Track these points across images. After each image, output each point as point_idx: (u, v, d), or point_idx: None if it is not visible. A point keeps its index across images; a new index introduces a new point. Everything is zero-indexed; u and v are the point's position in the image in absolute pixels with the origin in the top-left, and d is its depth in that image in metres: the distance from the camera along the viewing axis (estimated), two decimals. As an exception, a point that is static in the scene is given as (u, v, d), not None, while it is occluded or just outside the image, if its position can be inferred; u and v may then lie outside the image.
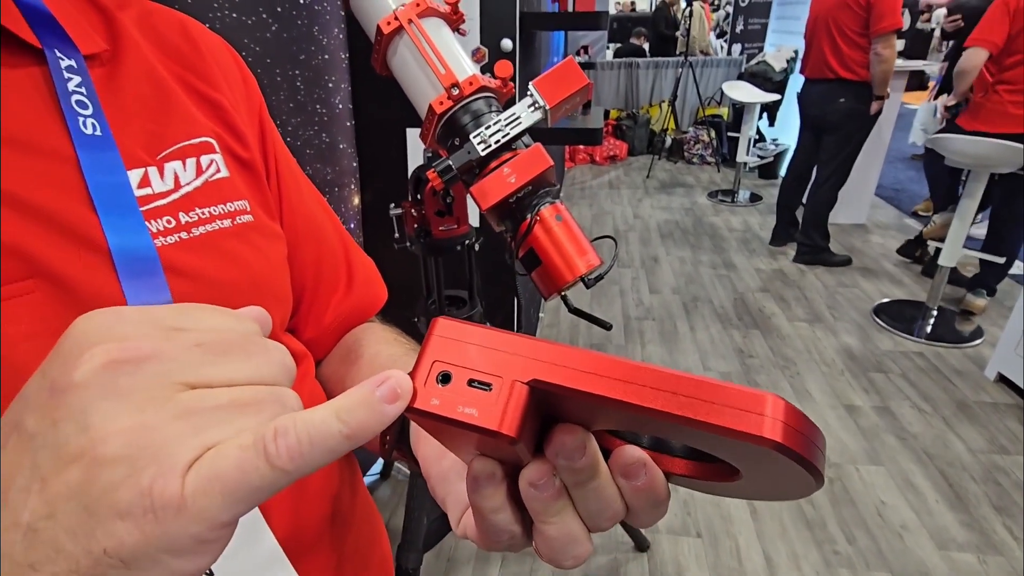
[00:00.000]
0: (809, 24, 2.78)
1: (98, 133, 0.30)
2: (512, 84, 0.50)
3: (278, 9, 1.04)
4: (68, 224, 0.28)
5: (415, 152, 1.45)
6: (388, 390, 0.19)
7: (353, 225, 1.49)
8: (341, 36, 1.31)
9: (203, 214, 0.33)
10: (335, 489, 0.43)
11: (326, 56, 1.24)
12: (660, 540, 1.51)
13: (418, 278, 1.04)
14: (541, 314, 2.57)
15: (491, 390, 0.19)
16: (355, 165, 1.47)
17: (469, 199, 0.47)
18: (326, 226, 0.47)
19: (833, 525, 1.54)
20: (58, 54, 0.30)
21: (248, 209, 0.36)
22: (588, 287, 0.47)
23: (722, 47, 6.23)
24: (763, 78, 4.37)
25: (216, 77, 0.38)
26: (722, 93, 4.50)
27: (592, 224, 3.80)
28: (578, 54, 4.78)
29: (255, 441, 0.17)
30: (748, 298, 2.74)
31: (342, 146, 1.38)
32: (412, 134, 1.44)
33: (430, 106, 0.47)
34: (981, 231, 2.71)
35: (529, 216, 0.46)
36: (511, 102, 0.48)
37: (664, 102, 5.40)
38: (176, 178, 0.33)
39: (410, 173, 0.91)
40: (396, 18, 0.48)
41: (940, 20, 3.62)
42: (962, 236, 2.30)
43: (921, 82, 5.71)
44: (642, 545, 1.48)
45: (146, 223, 0.30)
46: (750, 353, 2.30)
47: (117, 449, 0.16)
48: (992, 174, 2.23)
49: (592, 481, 0.22)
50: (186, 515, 0.16)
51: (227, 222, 0.35)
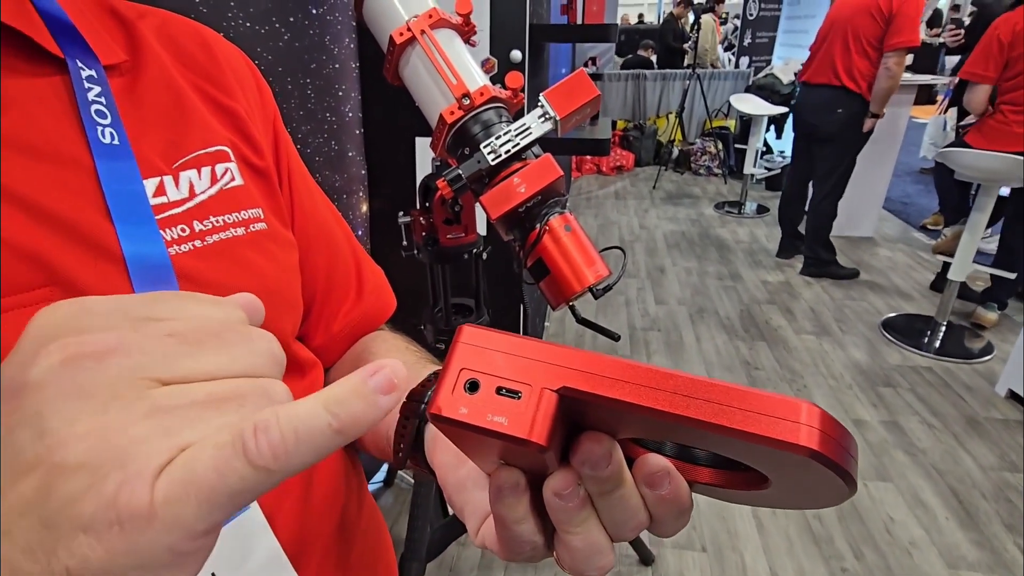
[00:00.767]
0: (823, 28, 2.75)
1: (116, 142, 0.30)
2: (522, 95, 0.51)
3: (291, 19, 1.06)
4: (84, 232, 0.28)
5: (423, 160, 1.46)
6: (383, 379, 0.17)
7: (361, 232, 1.50)
8: (352, 46, 1.32)
9: (217, 222, 0.34)
10: (342, 499, 0.42)
11: (337, 65, 1.25)
12: (665, 554, 1.49)
13: (425, 286, 1.04)
14: (547, 323, 2.57)
15: (520, 398, 0.19)
16: (364, 173, 1.48)
17: (477, 208, 0.48)
18: (337, 234, 0.47)
19: (841, 541, 1.52)
20: (79, 64, 0.31)
21: (262, 217, 0.37)
22: (596, 298, 0.47)
23: (730, 60, 6.25)
24: (770, 91, 4.38)
25: (232, 86, 0.39)
26: (729, 105, 4.51)
27: (598, 234, 3.80)
28: (586, 65, 4.81)
29: (233, 439, 0.15)
30: (754, 310, 2.73)
31: (351, 154, 1.39)
32: (420, 143, 1.45)
33: (441, 116, 0.47)
34: (991, 245, 2.69)
35: (538, 226, 0.46)
36: (520, 113, 0.48)
37: (671, 113, 5.42)
38: (191, 186, 0.33)
39: (418, 181, 0.92)
40: (409, 29, 0.48)
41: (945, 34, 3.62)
42: (972, 250, 2.28)
43: (930, 96, 5.71)
44: (647, 559, 1.46)
45: (161, 232, 0.31)
46: (756, 365, 2.29)
47: (78, 455, 0.14)
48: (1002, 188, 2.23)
49: (617, 490, 0.22)
50: (157, 525, 0.14)
51: (241, 230, 0.35)
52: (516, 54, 1.36)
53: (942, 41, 3.65)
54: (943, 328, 2.45)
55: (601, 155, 4.84)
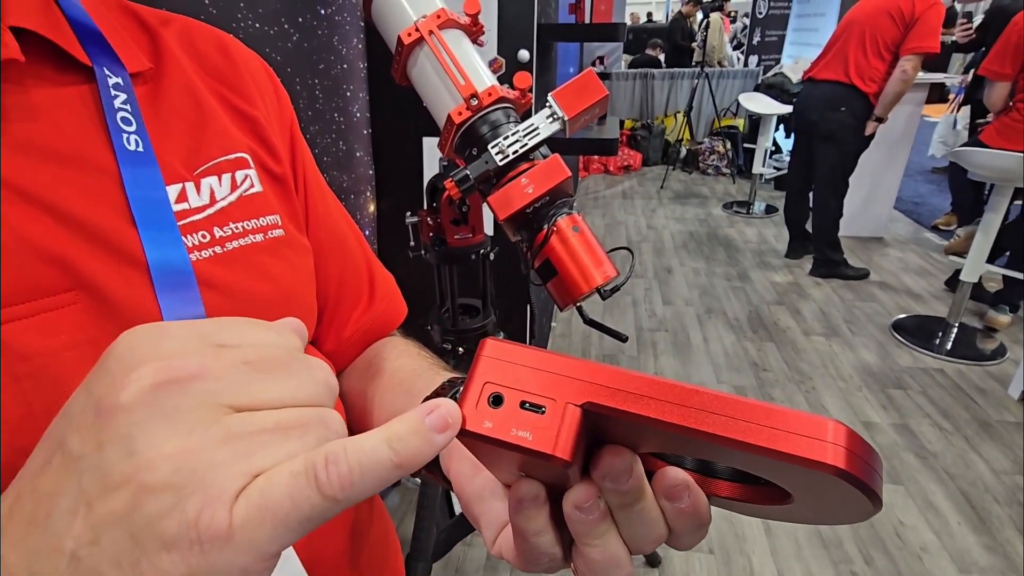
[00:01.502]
0: (839, 28, 2.71)
1: (140, 149, 0.31)
2: (530, 95, 0.50)
3: (299, 20, 1.06)
4: (109, 238, 0.29)
5: (431, 161, 1.47)
6: (438, 419, 0.18)
7: (369, 232, 1.50)
8: (360, 46, 1.33)
9: (237, 228, 0.34)
10: (354, 508, 0.43)
11: (345, 66, 1.25)
12: (672, 556, 1.48)
13: (432, 286, 1.04)
14: (554, 323, 2.56)
15: (544, 413, 0.19)
16: (371, 173, 1.48)
17: (484, 208, 0.48)
18: (350, 240, 0.48)
19: (850, 545, 1.51)
20: (106, 72, 0.31)
21: (280, 224, 0.37)
22: (604, 299, 0.47)
23: (738, 59, 6.22)
24: (780, 90, 4.35)
25: (252, 92, 0.39)
26: (738, 104, 4.48)
27: (605, 234, 3.79)
28: (593, 64, 4.80)
29: (306, 468, 0.16)
30: (763, 311, 2.71)
31: (359, 154, 1.39)
32: (428, 143, 1.45)
33: (449, 116, 0.47)
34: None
35: (546, 226, 0.46)
36: (528, 113, 0.48)
37: (679, 113, 5.39)
38: (212, 193, 0.34)
39: (426, 182, 0.92)
40: (417, 29, 0.48)
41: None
42: (985, 250, 2.25)
43: (941, 95, 5.64)
44: (653, 561, 1.46)
45: (182, 237, 0.31)
46: (764, 367, 2.27)
47: (164, 476, 0.16)
48: (1017, 188, 2.19)
49: (637, 504, 0.22)
50: (234, 547, 0.15)
51: (259, 236, 0.35)
52: (524, 54, 1.35)
53: (953, 39, 3.61)
54: (955, 329, 2.42)
55: (609, 155, 4.83)
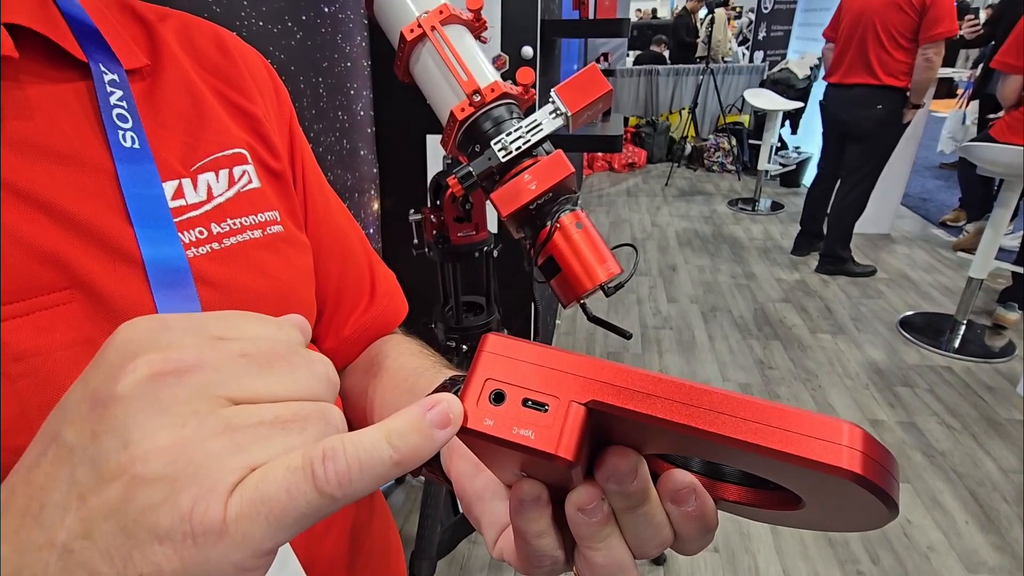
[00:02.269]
0: (847, 25, 2.66)
1: (136, 146, 0.30)
2: (533, 91, 0.50)
3: (303, 17, 1.06)
4: (105, 236, 0.28)
5: (435, 158, 1.46)
6: (439, 415, 0.18)
7: (373, 230, 1.50)
8: (363, 44, 1.33)
9: (234, 224, 0.34)
10: (354, 505, 0.42)
11: (348, 63, 1.25)
12: (676, 554, 1.47)
13: (436, 284, 1.04)
14: (558, 321, 2.56)
15: (547, 411, 0.18)
16: (375, 171, 1.48)
17: (488, 205, 0.47)
18: (351, 237, 0.47)
19: (856, 544, 1.50)
20: (102, 68, 0.31)
21: (278, 220, 0.37)
22: (608, 296, 0.47)
23: (744, 54, 6.18)
24: (786, 85, 4.32)
25: (250, 88, 0.39)
26: (743, 100, 4.46)
27: (610, 232, 3.78)
28: (598, 61, 4.78)
29: (303, 464, 0.16)
30: (768, 308, 2.69)
31: (363, 152, 1.39)
32: (432, 140, 1.45)
33: (451, 112, 0.47)
34: (1015, 242, 2.63)
35: (549, 223, 0.45)
36: (532, 109, 0.47)
37: (684, 109, 5.37)
38: (209, 189, 0.33)
39: (430, 179, 0.92)
40: (419, 25, 0.48)
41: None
42: (994, 247, 2.23)
43: (950, 90, 5.59)
44: (658, 559, 1.45)
45: (179, 234, 0.31)
46: (770, 365, 2.26)
47: (158, 468, 0.15)
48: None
49: (642, 506, 0.21)
50: (228, 541, 0.15)
51: (257, 232, 0.35)
52: (527, 50, 1.35)
53: (960, 34, 3.57)
54: (963, 327, 2.40)
55: (613, 152, 4.82)
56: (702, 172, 5.19)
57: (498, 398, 0.19)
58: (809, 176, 4.55)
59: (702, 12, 6.39)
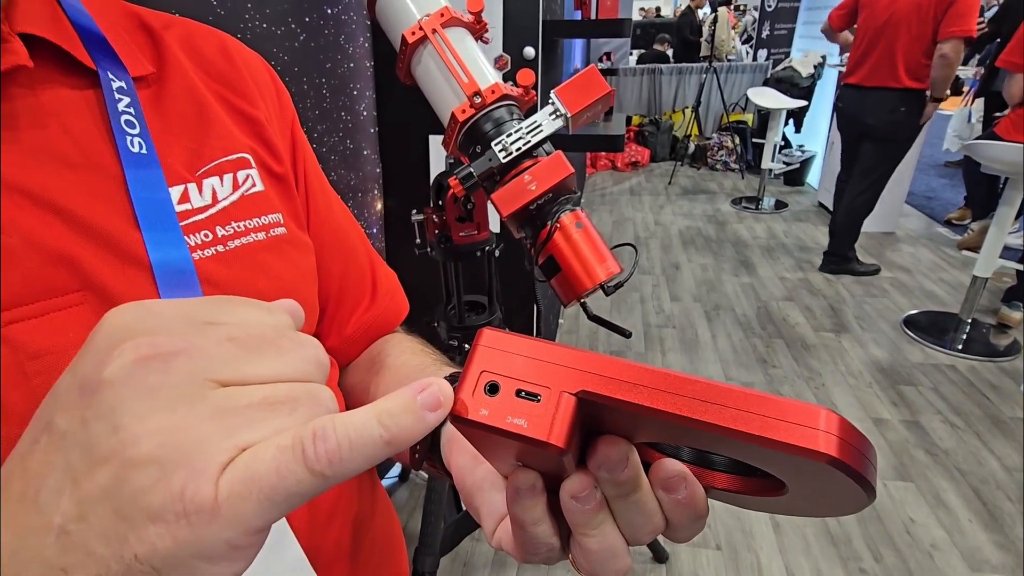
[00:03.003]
0: (870, 28, 2.64)
1: (144, 151, 0.31)
2: (534, 92, 0.51)
3: (306, 19, 1.07)
4: (114, 239, 0.29)
5: (437, 159, 1.47)
6: (430, 397, 0.18)
7: (376, 230, 1.51)
8: (366, 45, 1.33)
9: (239, 227, 0.35)
10: (356, 496, 0.43)
11: (351, 64, 1.26)
12: (679, 552, 1.48)
13: (438, 283, 1.05)
14: (560, 320, 2.57)
15: (539, 401, 0.19)
16: (378, 171, 1.49)
17: (490, 206, 0.48)
18: (352, 237, 0.48)
19: (859, 542, 1.50)
20: (110, 76, 0.32)
21: (281, 222, 0.38)
22: (607, 294, 0.47)
23: (747, 52, 6.16)
24: (789, 84, 4.31)
25: (252, 93, 0.40)
26: (747, 99, 4.44)
27: (613, 231, 3.78)
28: (600, 60, 4.77)
29: (293, 443, 0.16)
30: (772, 307, 2.69)
31: (366, 152, 1.40)
32: (434, 141, 1.46)
33: (452, 114, 0.48)
34: (1019, 241, 2.62)
35: (549, 223, 0.46)
36: (533, 110, 0.48)
37: (687, 108, 5.36)
38: (214, 193, 0.34)
39: (432, 179, 0.92)
40: (421, 28, 0.48)
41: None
42: (999, 245, 2.22)
43: (955, 88, 5.56)
44: (661, 556, 1.46)
45: (185, 237, 0.32)
46: (773, 363, 2.26)
47: (148, 450, 0.16)
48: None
49: (633, 494, 0.22)
50: (220, 520, 0.15)
51: (261, 235, 0.36)
52: (529, 51, 1.35)
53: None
54: (968, 325, 2.39)
55: (615, 151, 4.81)
56: (705, 171, 5.18)
57: (493, 389, 0.20)
58: (813, 175, 4.54)
59: (706, 10, 6.37)
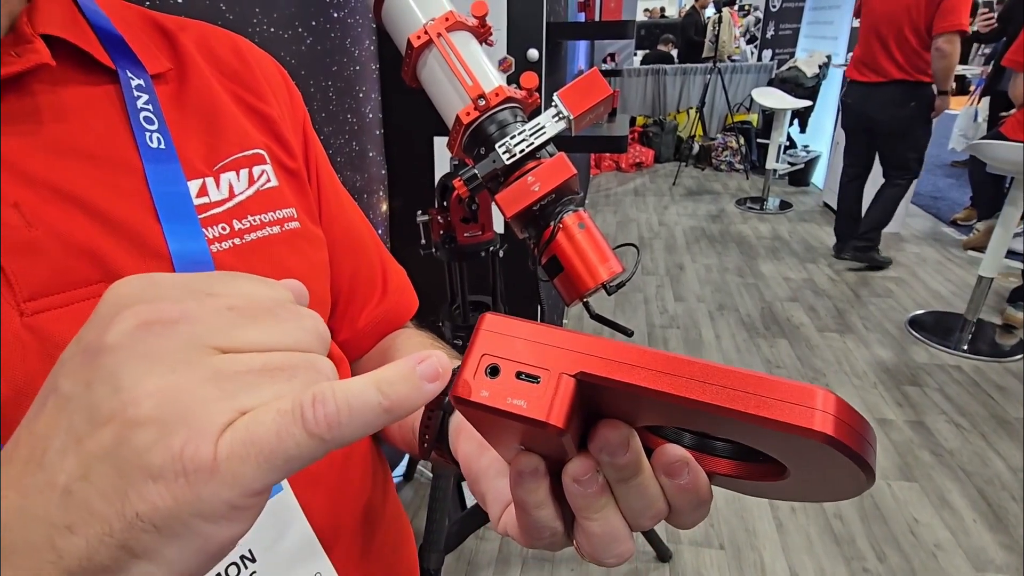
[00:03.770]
0: (871, 24, 2.66)
1: (162, 147, 0.32)
2: (537, 95, 0.51)
3: (312, 23, 1.08)
4: (135, 231, 0.30)
5: (442, 160, 1.48)
6: (429, 368, 0.18)
7: (381, 231, 1.52)
8: (372, 48, 1.35)
9: (254, 221, 0.35)
10: (369, 489, 0.44)
11: (357, 67, 1.27)
12: (682, 551, 1.49)
13: (443, 283, 1.06)
14: (564, 320, 2.57)
15: (539, 383, 0.19)
16: (384, 172, 1.50)
17: (494, 206, 0.49)
18: (363, 234, 0.49)
19: (863, 541, 1.50)
20: (129, 74, 0.33)
21: (295, 216, 0.39)
22: (610, 294, 0.48)
23: (752, 52, 6.15)
24: (794, 84, 4.30)
25: (265, 91, 0.41)
26: (751, 99, 4.44)
27: (617, 231, 3.78)
28: (605, 61, 4.78)
29: (293, 407, 0.17)
30: (776, 307, 2.69)
31: (371, 154, 1.41)
32: (439, 142, 1.47)
33: (457, 116, 0.48)
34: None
35: (552, 223, 0.47)
36: (536, 112, 0.49)
37: (692, 109, 5.35)
38: (231, 187, 0.35)
39: (437, 181, 0.93)
40: (426, 32, 0.49)
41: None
42: (1005, 245, 2.21)
43: (962, 87, 5.53)
44: (664, 555, 1.46)
45: (203, 230, 0.33)
46: (777, 363, 2.26)
47: (148, 411, 0.16)
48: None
49: (635, 478, 0.22)
50: (219, 480, 0.16)
51: (276, 228, 0.37)
52: (533, 53, 1.36)
53: (975, 29, 3.53)
54: (973, 326, 2.38)
55: (618, 152, 4.81)
56: (710, 171, 5.17)
57: (493, 371, 0.20)
58: (818, 175, 4.52)
59: (710, 11, 6.36)
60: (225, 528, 0.17)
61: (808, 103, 4.13)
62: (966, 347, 2.29)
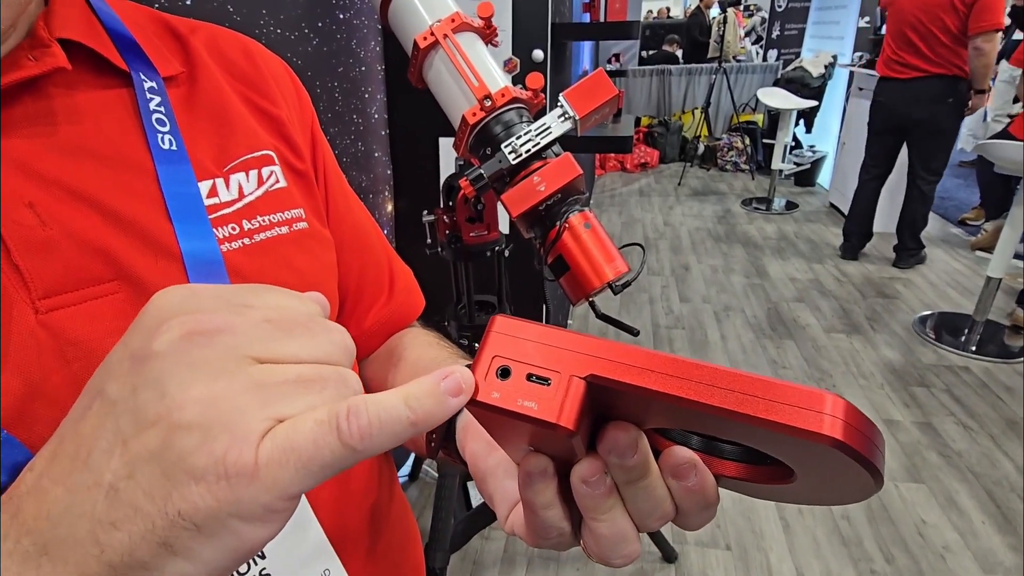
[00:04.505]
0: (904, 22, 2.64)
1: (174, 148, 0.33)
2: (543, 95, 0.52)
3: (319, 24, 1.09)
4: (147, 231, 0.31)
5: (447, 160, 1.49)
6: (453, 383, 0.19)
7: (387, 231, 1.53)
8: (377, 49, 1.35)
9: (264, 221, 0.36)
10: (376, 489, 0.44)
11: (363, 68, 1.28)
12: (688, 551, 1.48)
13: (449, 283, 1.06)
14: (570, 320, 2.57)
15: (549, 385, 0.20)
16: (389, 173, 1.51)
17: (500, 206, 0.49)
18: (371, 234, 0.49)
19: (870, 543, 1.49)
20: (142, 77, 0.33)
21: (303, 217, 0.39)
22: (615, 293, 0.48)
23: (757, 52, 6.13)
24: (800, 84, 4.28)
25: (274, 93, 0.41)
26: (757, 100, 4.42)
27: (622, 232, 3.78)
28: (609, 62, 4.78)
29: (329, 418, 0.18)
30: (782, 308, 2.68)
31: (377, 154, 1.42)
32: (444, 143, 1.47)
33: (463, 117, 0.49)
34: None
35: (558, 224, 0.47)
36: (542, 112, 0.49)
37: (697, 109, 5.34)
38: (240, 188, 0.36)
39: (442, 181, 0.94)
40: (432, 33, 0.50)
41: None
42: (1012, 246, 2.20)
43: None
44: (669, 556, 1.46)
45: (214, 230, 0.33)
46: (784, 364, 2.25)
47: (193, 416, 0.17)
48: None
49: (642, 480, 0.23)
50: (258, 484, 0.17)
51: (285, 229, 0.37)
52: (538, 53, 1.37)
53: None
54: (981, 326, 2.37)
55: (623, 153, 4.81)
56: (715, 172, 5.16)
57: (504, 373, 0.20)
58: (824, 175, 4.50)
59: (715, 11, 6.34)
60: (259, 529, 0.18)
61: (814, 103, 4.12)
62: (974, 348, 2.28)
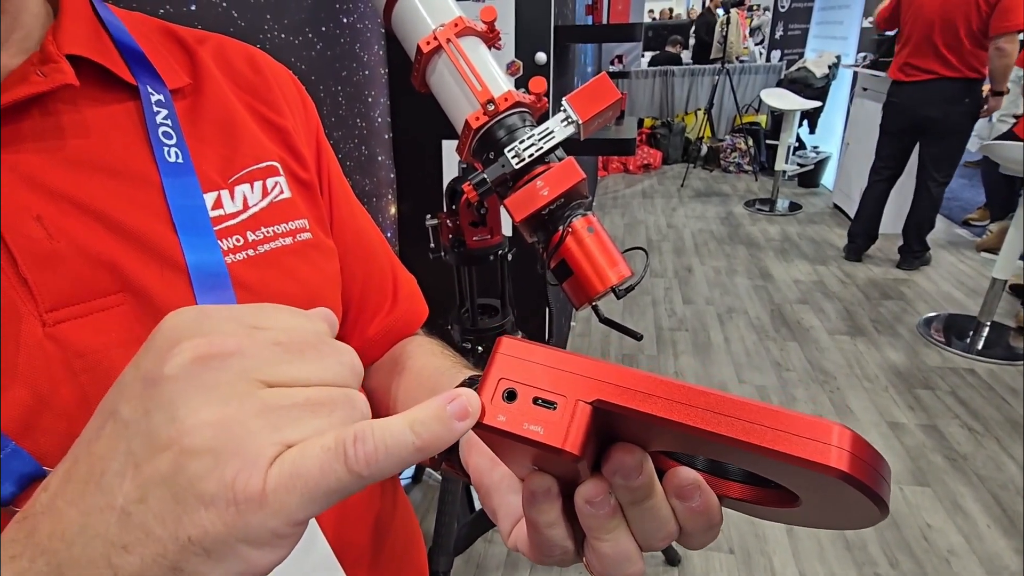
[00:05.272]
0: (921, 23, 2.63)
1: (180, 161, 0.33)
2: (546, 99, 0.52)
3: (322, 29, 1.09)
4: (153, 243, 0.31)
5: (450, 164, 1.49)
6: (459, 407, 0.19)
7: (390, 235, 1.53)
8: (381, 53, 1.36)
9: (268, 232, 0.36)
10: (378, 496, 0.44)
11: (366, 72, 1.28)
12: (691, 555, 1.48)
13: (452, 287, 1.06)
14: (572, 323, 2.57)
15: (555, 409, 0.20)
16: (392, 176, 1.51)
17: (503, 210, 0.49)
18: (374, 243, 0.49)
19: (875, 547, 1.48)
20: (149, 90, 0.34)
21: (307, 227, 0.39)
22: (619, 298, 0.48)
23: (760, 53, 6.12)
24: (803, 85, 4.27)
25: (280, 103, 0.41)
26: (760, 100, 4.42)
27: (625, 234, 3.77)
28: (612, 63, 4.78)
29: (336, 444, 0.18)
30: (785, 310, 2.67)
31: (380, 158, 1.42)
32: (447, 146, 1.48)
33: (466, 121, 0.49)
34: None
35: (561, 228, 0.47)
36: (545, 116, 0.49)
37: (700, 110, 5.34)
38: (245, 199, 0.36)
39: (445, 185, 0.94)
40: (435, 38, 0.50)
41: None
42: (1018, 247, 2.19)
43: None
44: (673, 560, 1.46)
45: (219, 241, 0.33)
46: (787, 366, 2.24)
47: (203, 441, 0.17)
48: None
49: (647, 500, 0.23)
50: (267, 509, 0.17)
51: (289, 240, 0.37)
52: (541, 56, 1.37)
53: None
54: (987, 328, 2.35)
55: (626, 155, 4.80)
56: (718, 173, 5.15)
57: (510, 396, 0.20)
58: (828, 176, 4.49)
59: (719, 12, 6.34)
60: (268, 554, 0.18)
61: (818, 104, 4.11)
62: (979, 350, 2.27)
